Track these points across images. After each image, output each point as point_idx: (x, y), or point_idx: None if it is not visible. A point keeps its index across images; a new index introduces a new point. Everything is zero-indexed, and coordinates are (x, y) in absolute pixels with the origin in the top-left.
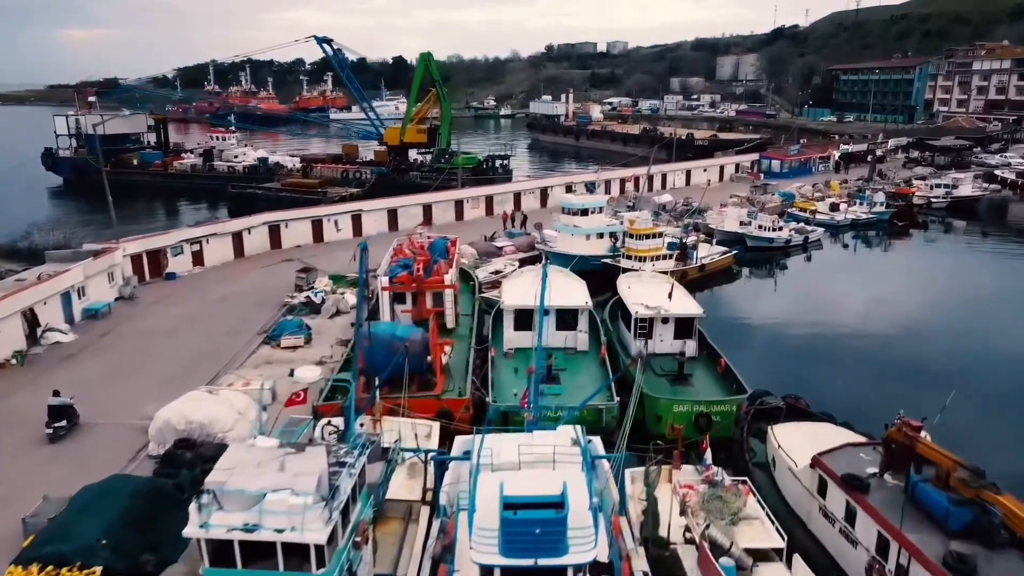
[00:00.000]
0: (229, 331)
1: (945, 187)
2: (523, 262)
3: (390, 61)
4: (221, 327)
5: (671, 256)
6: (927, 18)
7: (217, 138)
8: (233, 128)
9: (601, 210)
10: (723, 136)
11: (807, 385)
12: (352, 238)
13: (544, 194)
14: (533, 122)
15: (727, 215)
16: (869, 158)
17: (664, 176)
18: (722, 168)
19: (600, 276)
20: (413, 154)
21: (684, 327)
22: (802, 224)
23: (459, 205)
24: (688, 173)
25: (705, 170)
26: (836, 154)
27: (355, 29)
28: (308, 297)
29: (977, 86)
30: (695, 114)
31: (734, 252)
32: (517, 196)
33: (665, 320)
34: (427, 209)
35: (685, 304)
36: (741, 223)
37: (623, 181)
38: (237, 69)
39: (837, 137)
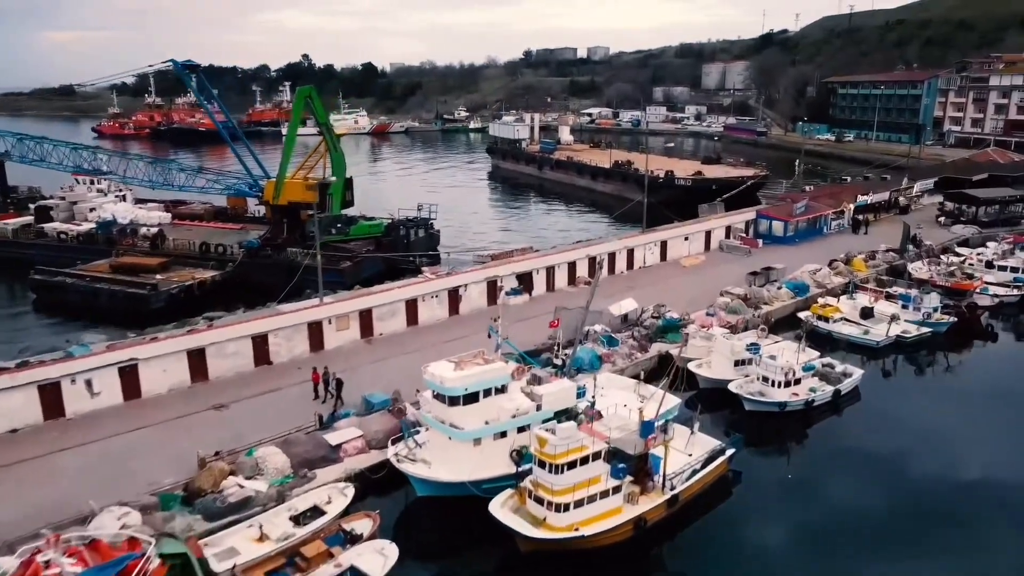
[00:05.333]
0: None
1: (1014, 270)
2: (369, 477)
3: (359, 67)
4: None
5: (618, 488)
6: (927, 24)
7: (83, 183)
8: (103, 173)
9: (504, 388)
10: (709, 173)
11: None
12: (123, 403)
13: (454, 298)
14: (493, 146)
15: (715, 345)
16: (893, 211)
17: (631, 253)
18: (708, 234)
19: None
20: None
21: None
22: (828, 363)
23: (316, 328)
24: (664, 245)
25: (686, 238)
26: (851, 208)
27: (339, 32)
28: None
29: (995, 103)
30: (680, 128)
31: (728, 453)
32: (411, 305)
33: None
34: (260, 341)
35: None
36: (737, 363)
37: (572, 267)
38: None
39: (848, 180)
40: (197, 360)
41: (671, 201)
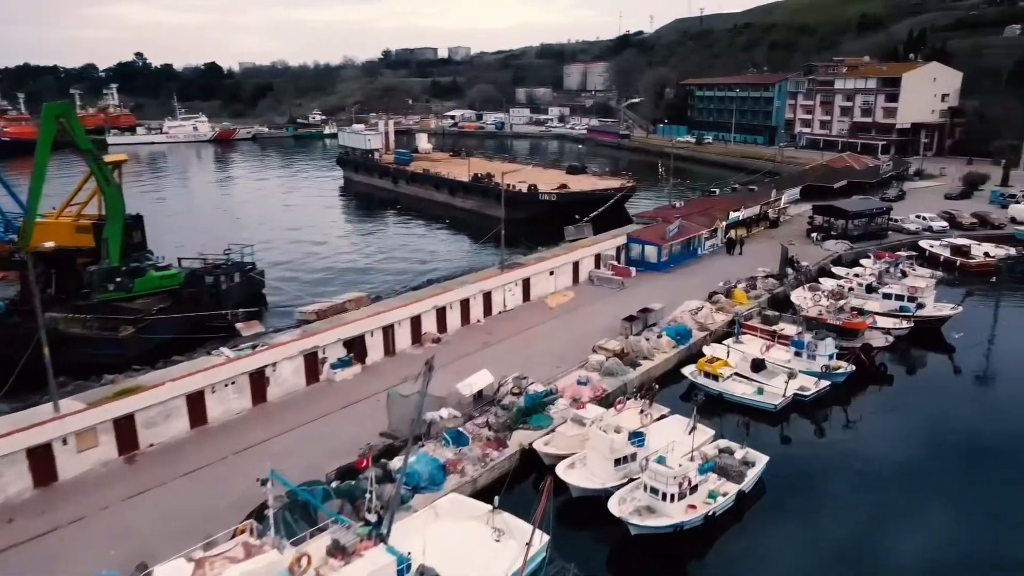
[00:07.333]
0: None
1: (899, 298)
2: None
3: (203, 67)
4: None
5: None
6: (772, 28)
7: None
8: None
9: None
10: (575, 185)
11: None
12: None
13: (259, 381)
14: (344, 157)
15: (591, 439)
16: (763, 224)
17: (488, 297)
18: (577, 265)
19: None
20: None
21: None
22: (726, 448)
23: (43, 454)
24: (527, 283)
25: (552, 272)
26: (723, 225)
27: (182, 28)
28: None
29: (840, 106)
30: (544, 130)
31: None
32: (196, 400)
33: None
34: None
35: None
36: (618, 462)
37: (416, 322)
38: None
39: (718, 192)
40: None
41: (535, 219)
